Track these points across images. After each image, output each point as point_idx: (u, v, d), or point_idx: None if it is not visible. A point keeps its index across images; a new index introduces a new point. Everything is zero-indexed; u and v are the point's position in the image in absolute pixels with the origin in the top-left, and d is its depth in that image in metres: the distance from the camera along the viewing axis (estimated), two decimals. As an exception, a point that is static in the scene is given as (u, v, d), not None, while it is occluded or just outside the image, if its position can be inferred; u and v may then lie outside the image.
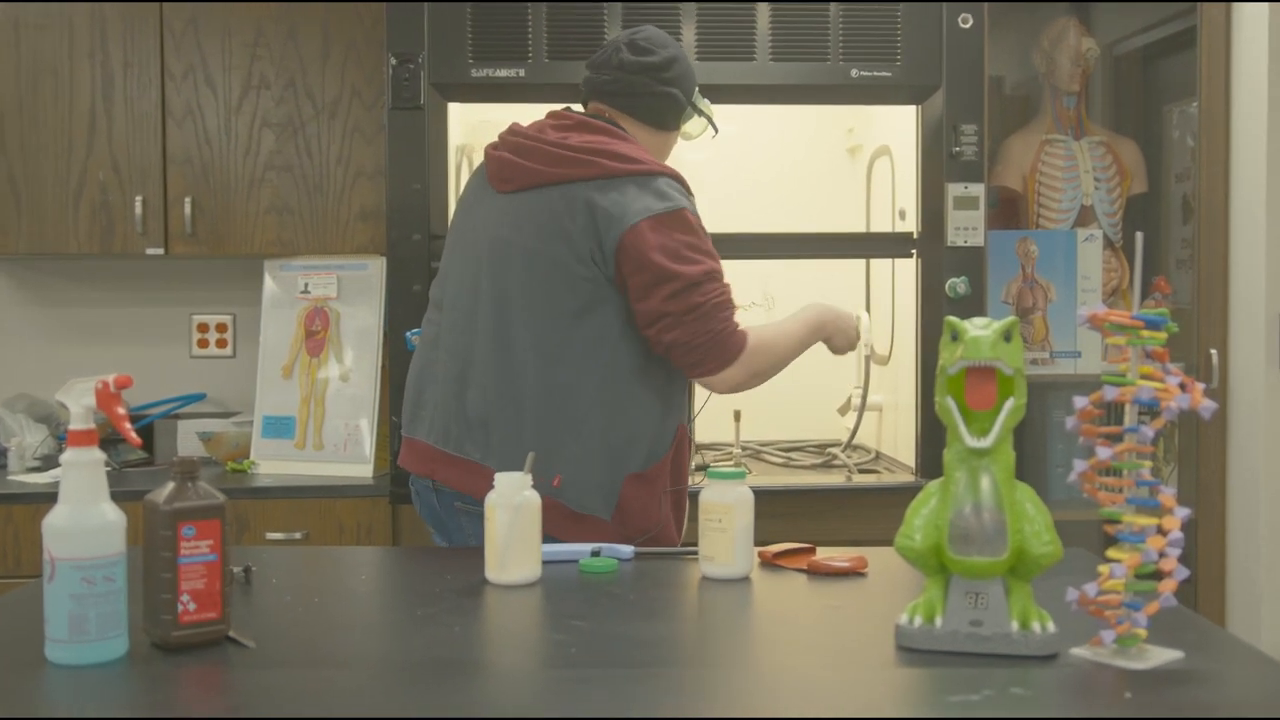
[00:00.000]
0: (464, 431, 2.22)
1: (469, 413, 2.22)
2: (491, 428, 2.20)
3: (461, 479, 2.22)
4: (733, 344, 2.22)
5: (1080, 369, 3.29)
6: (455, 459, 2.24)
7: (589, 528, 2.19)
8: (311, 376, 3.32)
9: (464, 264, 2.32)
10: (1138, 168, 3.47)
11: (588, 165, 2.23)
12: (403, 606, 1.75)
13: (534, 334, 2.21)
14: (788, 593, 1.81)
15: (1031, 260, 3.31)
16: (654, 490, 2.25)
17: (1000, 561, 1.42)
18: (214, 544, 1.50)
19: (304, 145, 3.34)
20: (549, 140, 2.27)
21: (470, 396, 2.23)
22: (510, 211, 2.28)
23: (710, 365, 2.22)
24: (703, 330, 2.19)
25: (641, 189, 2.21)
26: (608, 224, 2.18)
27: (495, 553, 1.81)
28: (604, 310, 2.21)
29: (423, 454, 2.29)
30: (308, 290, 3.37)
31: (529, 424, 2.19)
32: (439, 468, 2.25)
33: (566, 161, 2.24)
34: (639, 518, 2.23)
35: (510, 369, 2.21)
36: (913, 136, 3.13)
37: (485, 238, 2.30)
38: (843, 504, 3.04)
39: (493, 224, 2.29)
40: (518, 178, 2.27)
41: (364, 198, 3.34)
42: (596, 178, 2.21)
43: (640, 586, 1.84)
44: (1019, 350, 1.44)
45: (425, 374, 2.33)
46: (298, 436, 3.30)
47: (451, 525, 2.28)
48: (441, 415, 2.26)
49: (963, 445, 1.43)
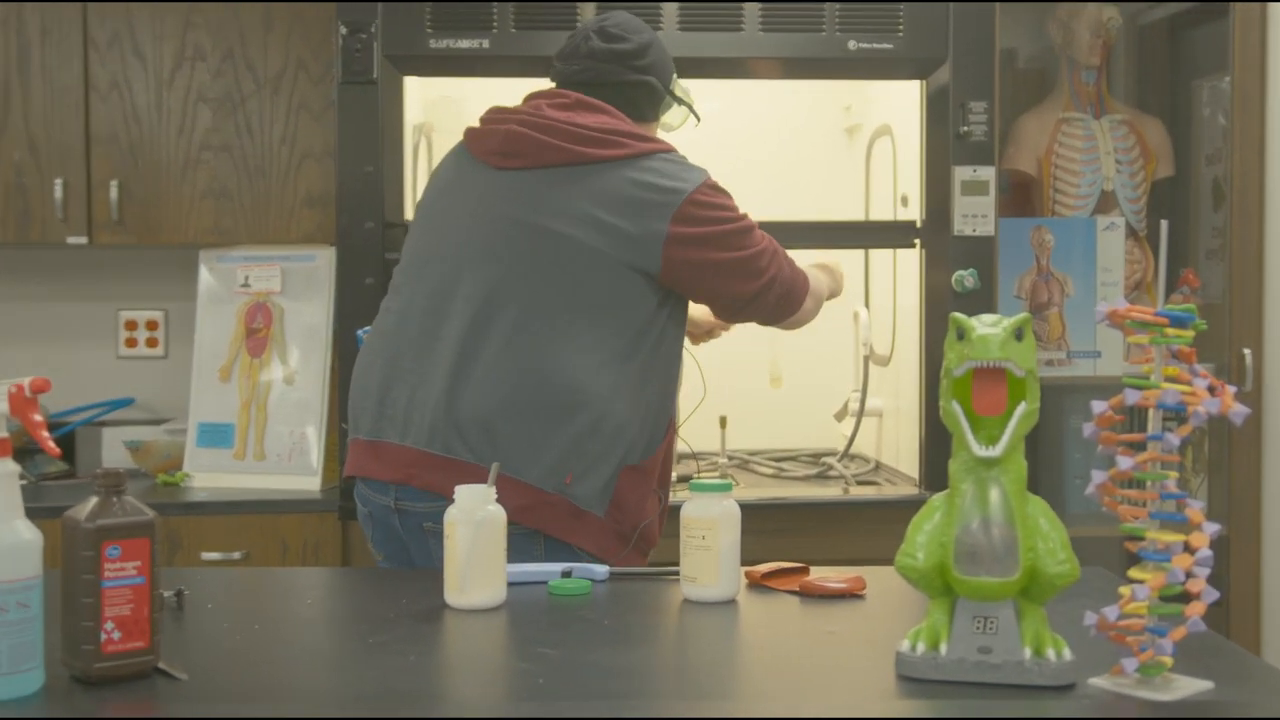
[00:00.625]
0: (454, 433, 2.20)
1: (463, 412, 2.19)
2: (496, 428, 2.18)
3: (451, 483, 2.18)
4: (795, 304, 2.46)
5: (1100, 370, 3.30)
6: (444, 461, 2.20)
7: (587, 525, 2.21)
8: (252, 379, 3.31)
9: (450, 247, 2.30)
10: (1164, 149, 3.48)
11: (616, 145, 2.28)
12: (353, 634, 1.74)
13: (548, 324, 2.21)
14: (778, 617, 1.81)
15: (1047, 251, 3.32)
16: (648, 482, 2.30)
17: (1011, 582, 1.42)
18: (142, 565, 1.49)
19: (244, 123, 3.33)
20: (560, 119, 2.29)
21: (467, 394, 2.20)
22: (519, 189, 2.28)
23: (787, 323, 2.50)
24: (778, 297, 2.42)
25: (673, 165, 2.31)
26: (653, 206, 2.25)
27: (455, 574, 1.81)
28: (627, 296, 2.25)
29: (394, 458, 2.25)
30: (248, 284, 3.36)
31: (543, 422, 2.18)
32: (420, 472, 2.22)
33: (593, 141, 2.27)
34: (633, 512, 2.26)
35: (521, 363, 2.20)
36: (916, 115, 3.13)
37: (483, 218, 2.29)
38: (839, 519, 3.04)
39: (493, 202, 2.29)
40: (533, 153, 2.28)
41: (311, 181, 3.33)
42: (628, 158, 2.28)
43: (615, 610, 1.83)
44: (1031, 350, 1.44)
45: (391, 368, 2.31)
46: (237, 446, 3.28)
47: (416, 550, 2.26)
48: (421, 414, 2.24)
49: (970, 454, 1.43)
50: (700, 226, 2.28)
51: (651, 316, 2.29)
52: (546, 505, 2.16)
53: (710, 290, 2.37)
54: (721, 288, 2.36)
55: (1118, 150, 3.40)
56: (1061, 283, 3.31)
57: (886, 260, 3.47)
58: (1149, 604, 1.41)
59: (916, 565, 1.46)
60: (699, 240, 2.28)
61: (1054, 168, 3.40)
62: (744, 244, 2.34)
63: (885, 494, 3.14)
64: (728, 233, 2.32)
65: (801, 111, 3.71)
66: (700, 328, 2.95)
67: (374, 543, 2.35)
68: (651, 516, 2.32)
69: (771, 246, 2.40)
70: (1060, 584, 1.43)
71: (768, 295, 2.39)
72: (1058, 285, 3.32)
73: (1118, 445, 1.45)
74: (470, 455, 2.18)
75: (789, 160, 3.68)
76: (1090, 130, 3.41)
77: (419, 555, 2.26)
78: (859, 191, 3.67)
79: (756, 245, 2.36)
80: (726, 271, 2.33)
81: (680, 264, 2.28)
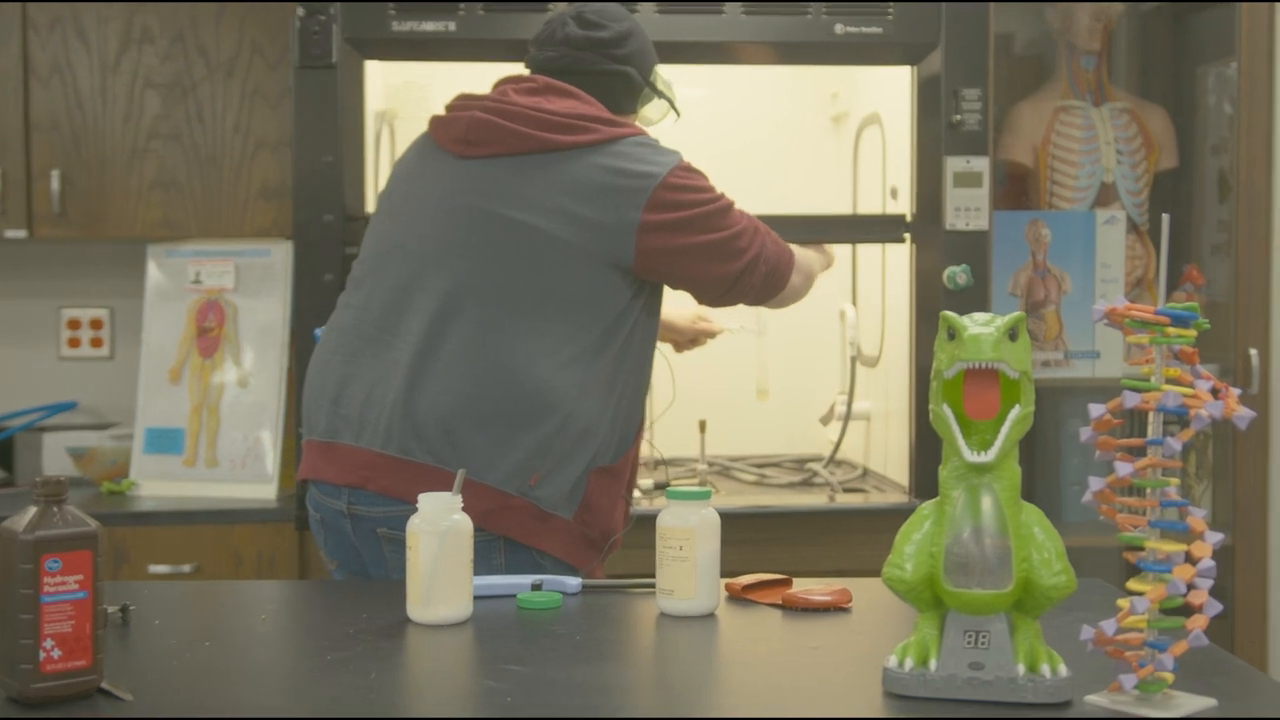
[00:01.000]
0: (411, 434, 2.20)
1: (421, 412, 2.19)
2: (455, 429, 2.18)
3: (408, 486, 2.18)
4: (781, 282, 2.48)
5: (1099, 372, 3.31)
6: (401, 463, 2.20)
7: (553, 529, 2.22)
8: (204, 381, 3.30)
9: (411, 239, 2.31)
10: (1167, 139, 3.50)
11: (584, 130, 2.28)
12: (310, 650, 1.74)
13: (512, 319, 2.21)
14: (759, 631, 1.81)
15: (1043, 246, 3.33)
16: (619, 485, 2.32)
17: (1004, 595, 1.43)
18: (84, 579, 1.48)
19: (195, 110, 3.32)
20: (525, 105, 2.29)
21: (426, 393, 2.20)
22: (482, 178, 2.28)
23: (777, 285, 2.49)
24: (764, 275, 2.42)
25: (645, 149, 2.31)
26: (624, 193, 2.25)
27: (419, 586, 1.81)
28: (598, 290, 2.25)
29: (348, 460, 2.26)
30: (199, 280, 3.35)
31: (506, 422, 2.19)
32: (375, 474, 2.22)
33: (560, 127, 2.27)
34: (604, 515, 2.28)
35: (484, 360, 2.20)
36: (906, 103, 3.14)
37: (446, 209, 2.29)
38: (824, 528, 3.05)
39: (454, 192, 2.29)
40: (497, 140, 2.28)
41: (266, 172, 3.32)
42: (597, 143, 2.28)
43: (588, 625, 1.83)
44: (1026, 350, 1.44)
45: (348, 366, 2.31)
46: (187, 452, 3.28)
47: (371, 558, 2.27)
48: (377, 414, 2.24)
49: (961, 460, 1.44)
50: (675, 211, 2.29)
51: (624, 310, 2.29)
52: (509, 509, 2.17)
53: (690, 276, 2.37)
54: (702, 272, 2.36)
55: (1118, 140, 3.42)
56: (1059, 279, 3.33)
57: (875, 256, 3.48)
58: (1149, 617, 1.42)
59: (904, 577, 1.46)
60: (674, 225, 2.29)
61: (1051, 158, 3.41)
62: (722, 224, 2.35)
63: (873, 502, 3.15)
64: (705, 214, 2.32)
65: (786, 99, 3.72)
66: (684, 335, 2.96)
67: (325, 550, 2.35)
68: (620, 523, 2.34)
69: (751, 224, 2.41)
70: (1056, 596, 1.44)
71: (752, 276, 2.40)
72: (1054, 282, 3.33)
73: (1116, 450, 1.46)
74: (429, 457, 2.18)
75: (772, 150, 3.69)
76: (1089, 119, 3.42)
77: (373, 562, 2.27)
78: (846, 183, 3.67)
79: (735, 224, 2.37)
80: (706, 255, 2.34)
81: (656, 252, 2.28)
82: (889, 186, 3.33)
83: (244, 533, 3.05)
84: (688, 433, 3.40)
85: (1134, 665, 1.43)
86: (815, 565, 2.91)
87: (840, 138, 3.73)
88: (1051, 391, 3.34)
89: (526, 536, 2.19)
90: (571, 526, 2.24)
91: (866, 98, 3.51)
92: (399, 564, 2.18)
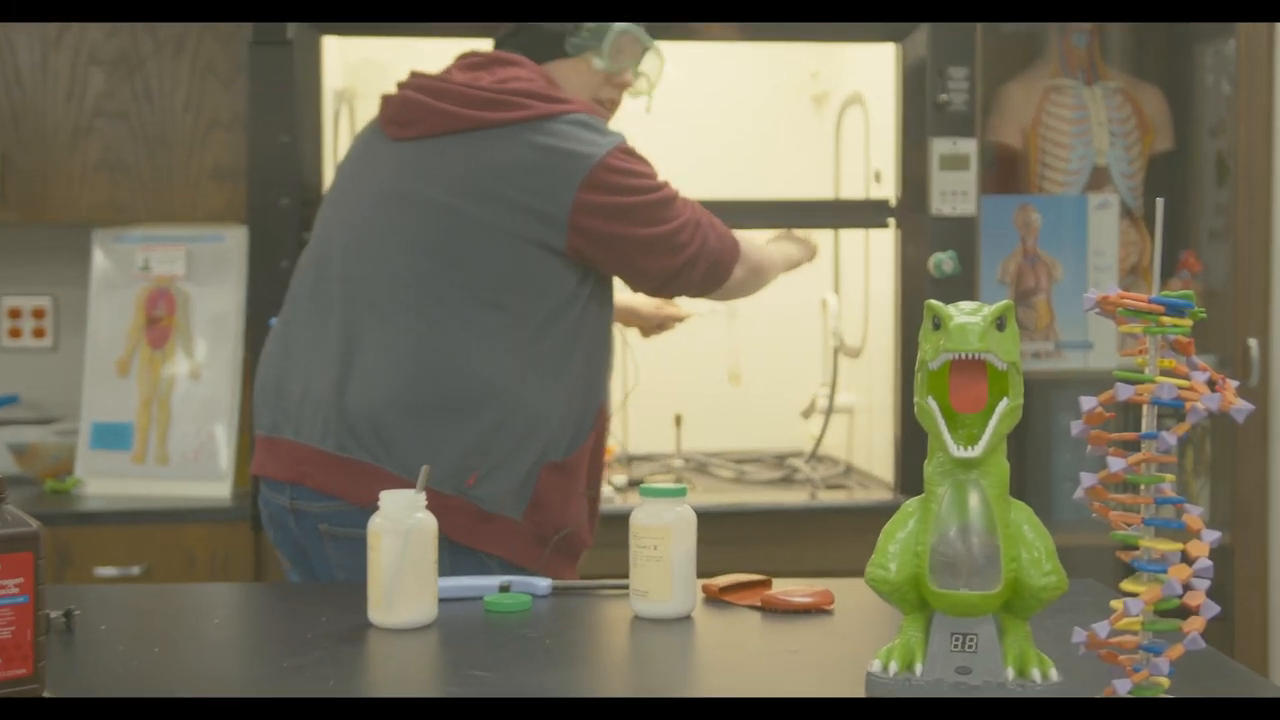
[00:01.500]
0: (345, 429, 2.21)
1: (352, 408, 2.21)
2: (386, 425, 2.19)
3: (345, 484, 2.21)
4: (727, 251, 2.44)
5: (1091, 363, 3.33)
6: (337, 460, 2.22)
7: (498, 529, 2.22)
8: (153, 374, 3.29)
9: (345, 225, 2.32)
10: (1162, 120, 3.51)
11: (516, 107, 2.27)
12: (266, 657, 1.73)
13: (443, 308, 2.22)
14: (738, 634, 1.82)
15: (1033, 232, 3.34)
16: (574, 482, 2.32)
17: (992, 596, 1.43)
18: (24, 583, 1.48)
19: (142, 87, 3.30)
20: (459, 81, 2.29)
21: (354, 387, 2.22)
22: (411, 161, 2.29)
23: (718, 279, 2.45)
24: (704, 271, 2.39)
25: (582, 128, 2.28)
26: (556, 175, 2.24)
27: (381, 589, 1.80)
28: (535, 276, 2.25)
29: (288, 455, 2.28)
30: (148, 267, 3.34)
31: (438, 418, 2.19)
32: (313, 470, 2.24)
33: (488, 103, 2.26)
34: (556, 513, 2.28)
35: (414, 353, 2.21)
36: (890, 82, 3.15)
37: (373, 193, 2.30)
38: (805, 527, 3.06)
39: (386, 176, 2.30)
40: (423, 120, 2.29)
41: (219, 153, 3.31)
42: (529, 120, 2.26)
43: (559, 628, 1.83)
44: (1015, 340, 1.45)
45: (288, 358, 2.33)
46: (136, 448, 3.27)
47: (315, 555, 2.28)
48: (314, 408, 2.25)
49: (947, 456, 1.44)
50: (611, 196, 2.27)
51: (569, 297, 2.29)
52: (447, 510, 2.16)
53: (625, 267, 2.36)
54: (637, 264, 2.35)
55: (1111, 121, 3.43)
56: (1049, 267, 3.34)
57: (858, 242, 3.49)
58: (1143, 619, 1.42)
59: (888, 577, 1.46)
60: (609, 212, 2.27)
61: (1041, 140, 3.42)
62: (662, 217, 2.33)
63: (856, 499, 3.16)
64: (644, 205, 2.31)
65: (764, 79, 3.72)
66: (650, 321, 2.96)
67: (276, 546, 2.38)
68: (578, 520, 2.33)
69: (694, 217, 2.39)
70: (1046, 597, 1.44)
71: (691, 271, 2.39)
72: (1045, 269, 3.34)
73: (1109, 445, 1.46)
74: (364, 454, 2.20)
75: (750, 132, 3.69)
76: (1081, 99, 3.44)
77: (317, 560, 2.28)
78: (828, 166, 3.68)
79: (676, 218, 2.35)
80: (643, 247, 2.33)
81: (588, 238, 2.27)
82: (872, 170, 3.33)
83: (196, 533, 3.04)
84: (662, 427, 3.40)
85: (1128, 669, 1.43)
86: (796, 565, 2.91)
87: (821, 119, 3.74)
88: (1042, 384, 3.35)
89: (469, 538, 2.20)
90: (520, 526, 2.24)
91: (848, 77, 3.52)
92: (342, 562, 2.21)
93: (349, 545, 2.21)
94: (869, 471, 3.37)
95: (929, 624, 1.47)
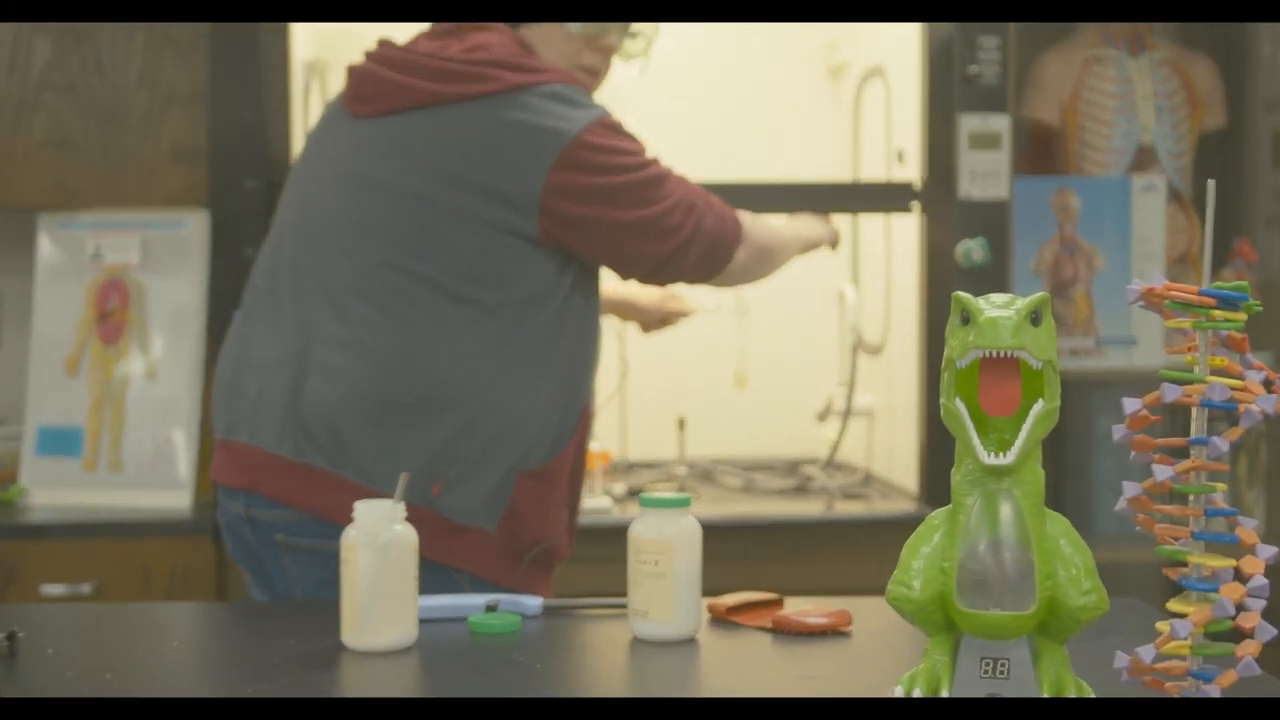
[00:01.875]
0: (301, 433, 2.22)
1: (308, 410, 2.22)
2: (343, 429, 2.20)
3: (302, 492, 2.22)
4: (728, 233, 2.41)
5: (1134, 361, 3.33)
6: (292, 466, 2.23)
7: (469, 542, 2.23)
8: (106, 373, 3.29)
9: (302, 214, 2.33)
10: (1214, 94, 3.51)
11: (484, 79, 2.26)
12: (229, 682, 1.74)
13: (405, 301, 2.22)
14: (747, 658, 1.82)
15: (1071, 217, 3.34)
16: (553, 490, 2.32)
17: (1026, 617, 1.43)
18: (-32, 600, 1.48)
19: (93, 58, 3.30)
20: (423, 50, 2.29)
21: (311, 387, 2.22)
22: (371, 140, 2.29)
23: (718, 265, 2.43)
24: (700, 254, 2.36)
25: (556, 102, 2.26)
26: (526, 154, 2.23)
27: (355, 609, 1.80)
28: (507, 266, 2.25)
29: (243, 460, 2.29)
30: (100, 255, 3.34)
31: (400, 422, 2.20)
32: (267, 478, 2.25)
33: (453, 75, 2.25)
34: (534, 525, 2.28)
35: (369, 348, 2.22)
36: (914, 53, 3.15)
37: (331, 175, 2.31)
38: (820, 540, 3.06)
39: (344, 156, 2.31)
40: (383, 96, 2.29)
41: (178, 131, 3.31)
42: (497, 94, 2.25)
43: (550, 651, 1.84)
44: (1051, 336, 1.45)
45: (243, 355, 2.34)
46: (87, 454, 3.26)
47: (272, 567, 2.29)
48: (269, 409, 2.25)
49: (976, 463, 1.44)
50: (589, 176, 2.26)
51: (548, 288, 2.29)
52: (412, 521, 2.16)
53: (608, 254, 2.35)
54: (623, 250, 2.34)
55: (1158, 95, 3.43)
56: (1089, 255, 3.34)
57: (878, 228, 3.49)
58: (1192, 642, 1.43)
59: (912, 596, 1.46)
60: (587, 194, 2.26)
61: (1081, 116, 3.42)
62: (650, 198, 2.32)
63: (876, 510, 3.16)
64: (628, 185, 2.29)
65: (776, 50, 3.72)
66: (650, 315, 2.96)
67: (234, 557, 2.39)
68: (557, 532, 2.34)
69: (687, 197, 2.37)
70: (1085, 618, 1.44)
71: (684, 258, 2.37)
72: (1084, 258, 3.34)
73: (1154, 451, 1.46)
74: (321, 459, 2.21)
75: (759, 107, 3.70)
76: (1125, 71, 3.44)
77: (275, 572, 2.30)
78: (845, 145, 3.68)
79: (666, 198, 2.33)
80: (628, 232, 2.31)
81: (564, 224, 2.26)
82: (894, 149, 3.34)
83: (153, 547, 3.04)
84: (664, 431, 3.40)
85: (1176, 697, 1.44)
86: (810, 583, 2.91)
87: (838, 93, 3.74)
88: (1080, 384, 3.35)
89: (436, 552, 2.18)
90: (493, 538, 2.25)
91: (868, 47, 3.52)
92: (299, 575, 2.22)
93: (306, 558, 2.22)
94: (890, 480, 3.37)
95: (956, 647, 1.47)
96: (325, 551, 2.18)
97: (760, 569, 2.97)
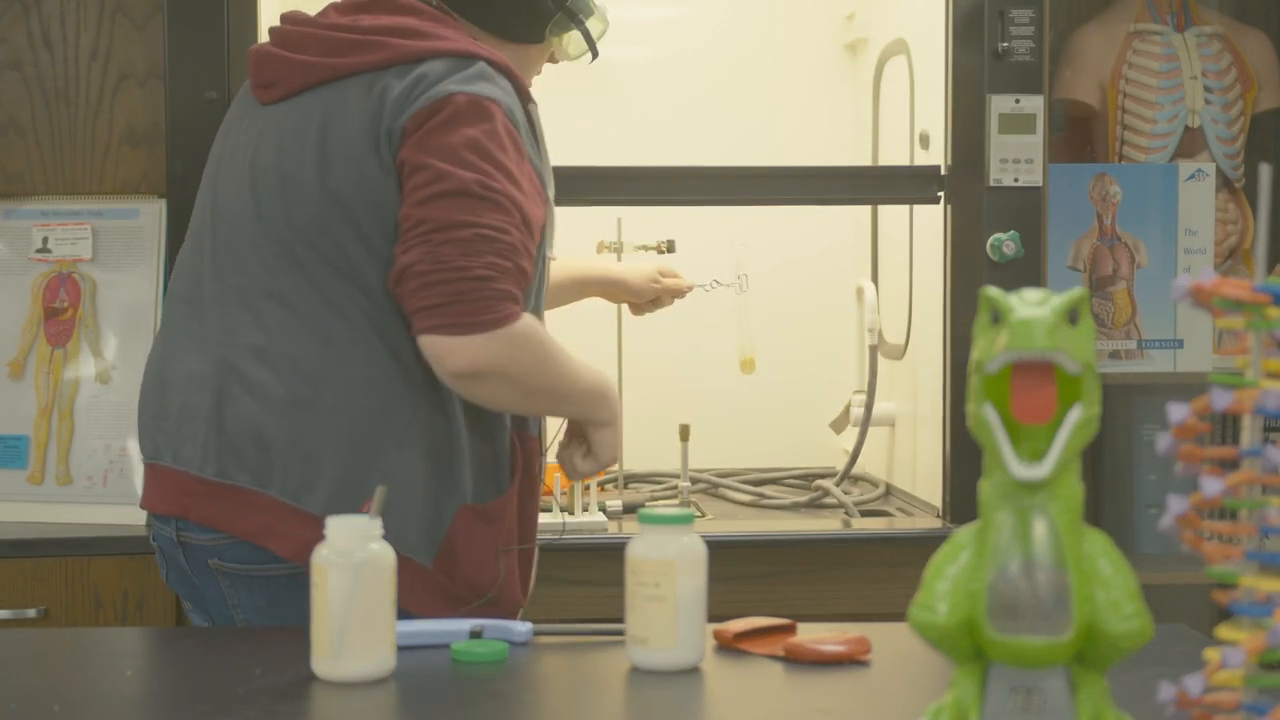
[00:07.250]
0: (227, 451, 2.22)
1: (231, 424, 2.22)
2: (269, 442, 2.20)
3: (231, 515, 2.21)
4: (492, 304, 2.15)
5: (1181, 365, 3.32)
6: (218, 487, 2.23)
7: (404, 576, 2.20)
8: (54, 377, 3.29)
9: (212, 212, 2.35)
10: (1269, 72, 3.51)
11: (374, 49, 2.24)
12: (189, 716, 1.74)
13: (329, 309, 2.21)
14: (756, 689, 1.82)
15: (1112, 208, 3.35)
16: (496, 532, 2.29)
17: (1062, 644, 1.43)
18: (-97, 624, 1.48)
19: (40, 32, 3.30)
20: (329, 24, 2.29)
21: (233, 401, 2.22)
22: (269, 128, 2.30)
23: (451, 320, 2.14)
24: (452, 264, 2.14)
25: (450, 69, 2.22)
26: (390, 113, 2.20)
27: (327, 635, 1.81)
28: None
29: (170, 484, 2.30)
30: (47, 248, 3.34)
31: (326, 434, 2.20)
32: (196, 503, 2.25)
33: (347, 47, 2.26)
34: (472, 568, 2.26)
35: (285, 354, 2.22)
36: (940, 26, 3.15)
37: (237, 170, 2.31)
38: (836, 560, 3.06)
39: (246, 147, 2.32)
40: (283, 79, 2.30)
41: (133, 112, 3.31)
42: (385, 66, 2.23)
43: (539, 682, 1.84)
44: (1090, 337, 1.45)
45: (164, 368, 2.35)
46: (33, 465, 3.27)
47: (210, 594, 2.30)
48: (194, 428, 2.26)
49: (1007, 475, 1.44)
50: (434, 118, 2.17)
51: None
52: None
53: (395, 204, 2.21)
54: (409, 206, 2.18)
55: (1207, 74, 3.43)
56: (1131, 249, 3.34)
57: (900, 219, 3.49)
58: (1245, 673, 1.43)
59: (937, 621, 1.47)
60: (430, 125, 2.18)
61: (1122, 97, 3.43)
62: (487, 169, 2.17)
63: (897, 527, 3.16)
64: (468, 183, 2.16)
65: (789, 23, 3.72)
66: (642, 295, 2.95)
67: (171, 586, 2.40)
68: (501, 577, 2.30)
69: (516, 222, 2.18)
70: (1126, 646, 1.45)
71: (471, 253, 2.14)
72: (1126, 252, 3.34)
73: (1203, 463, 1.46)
74: (249, 479, 2.21)
75: (772, 87, 3.70)
76: (1171, 47, 3.44)
77: (213, 600, 2.30)
78: (865, 128, 3.68)
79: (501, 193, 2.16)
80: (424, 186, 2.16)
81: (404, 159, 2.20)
82: (918, 132, 3.34)
83: (104, 567, 3.04)
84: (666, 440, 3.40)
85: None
86: (825, 607, 2.92)
87: (857, 71, 3.74)
88: (1122, 389, 3.36)
89: None
90: (430, 575, 2.23)
91: (890, 20, 3.52)
92: (239, 601, 2.23)
93: (244, 583, 2.22)
94: (913, 494, 3.37)
95: (985, 678, 1.47)
96: (261, 576, 2.20)
97: (771, 592, 2.98)
